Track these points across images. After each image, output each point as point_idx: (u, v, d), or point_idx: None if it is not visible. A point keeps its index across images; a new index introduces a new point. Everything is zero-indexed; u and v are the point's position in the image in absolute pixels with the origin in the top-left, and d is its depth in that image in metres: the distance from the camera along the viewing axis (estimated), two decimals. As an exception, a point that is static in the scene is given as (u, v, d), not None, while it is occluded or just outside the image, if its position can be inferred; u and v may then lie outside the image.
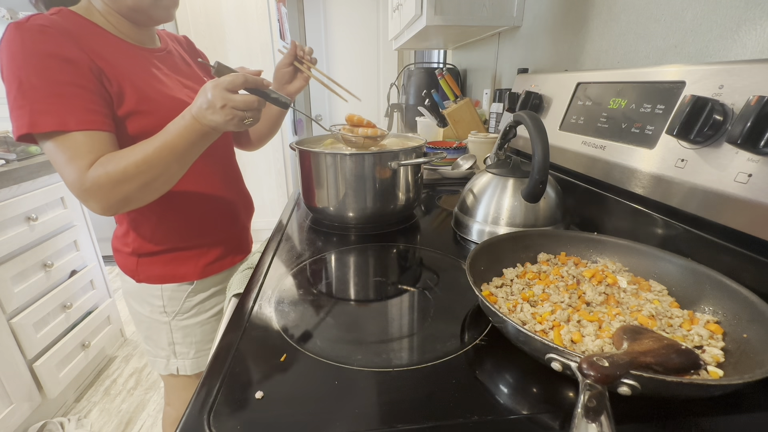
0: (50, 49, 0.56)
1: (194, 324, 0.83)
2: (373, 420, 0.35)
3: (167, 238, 0.77)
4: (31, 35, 0.55)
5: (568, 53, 0.98)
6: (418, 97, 1.87)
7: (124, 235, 0.78)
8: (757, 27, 0.53)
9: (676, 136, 0.51)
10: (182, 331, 0.83)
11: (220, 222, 0.83)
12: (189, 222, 0.78)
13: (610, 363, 0.30)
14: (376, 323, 0.51)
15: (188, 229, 0.78)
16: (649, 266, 0.53)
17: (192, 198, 0.77)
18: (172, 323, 0.82)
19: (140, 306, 0.81)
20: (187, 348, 0.84)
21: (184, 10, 2.44)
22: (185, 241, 0.78)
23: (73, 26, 0.60)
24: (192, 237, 0.79)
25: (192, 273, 0.80)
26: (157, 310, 0.81)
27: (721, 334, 0.41)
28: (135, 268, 0.78)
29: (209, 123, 0.57)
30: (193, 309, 0.82)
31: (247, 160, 2.74)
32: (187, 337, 0.83)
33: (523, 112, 0.63)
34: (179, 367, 0.85)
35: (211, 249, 0.82)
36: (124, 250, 0.78)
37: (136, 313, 0.83)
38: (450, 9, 1.16)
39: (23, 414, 1.27)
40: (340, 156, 0.76)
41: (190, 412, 0.36)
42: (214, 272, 0.83)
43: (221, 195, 0.82)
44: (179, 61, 0.79)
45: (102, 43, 0.63)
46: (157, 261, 0.77)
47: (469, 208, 0.75)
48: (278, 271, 0.65)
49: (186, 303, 0.81)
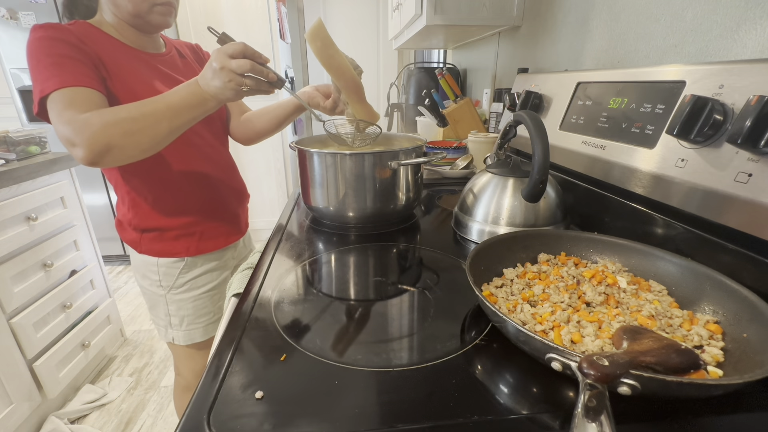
0: (58, 35, 0.66)
1: (186, 299, 0.91)
2: (373, 420, 0.35)
3: (162, 218, 0.84)
4: (46, 30, 0.66)
5: (568, 53, 0.98)
6: (418, 97, 1.87)
7: (126, 212, 0.85)
8: (757, 27, 0.53)
9: (676, 135, 0.51)
10: (176, 304, 0.91)
11: (210, 205, 0.89)
12: (182, 204, 0.85)
13: (610, 362, 0.30)
14: (376, 323, 0.51)
15: (181, 211, 0.85)
16: (649, 266, 0.53)
17: (184, 182, 0.84)
18: (168, 296, 0.90)
19: (142, 279, 0.90)
20: (179, 320, 0.92)
21: (184, 10, 2.44)
22: (178, 220, 0.85)
23: (84, 31, 0.71)
24: (184, 218, 0.86)
25: (184, 250, 0.87)
26: (154, 284, 0.89)
27: (720, 334, 0.41)
28: (138, 240, 0.85)
29: (209, 88, 0.61)
30: (186, 285, 0.90)
31: (248, 160, 2.74)
32: (180, 310, 0.91)
33: (523, 112, 0.63)
34: (174, 337, 0.93)
35: (203, 230, 0.89)
36: (127, 224, 0.86)
37: (141, 286, 0.92)
38: (450, 8, 1.16)
39: (23, 414, 1.27)
40: (340, 156, 0.76)
41: (190, 411, 0.36)
42: (206, 251, 0.90)
43: (213, 182, 0.89)
44: (181, 64, 0.87)
45: (106, 45, 0.72)
46: (155, 237, 0.85)
47: (469, 208, 0.75)
48: (278, 270, 0.65)
49: (179, 278, 0.89)
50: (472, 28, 1.33)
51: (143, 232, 0.85)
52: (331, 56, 0.76)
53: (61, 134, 0.62)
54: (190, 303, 0.91)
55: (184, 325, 0.92)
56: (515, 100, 1.00)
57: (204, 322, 0.94)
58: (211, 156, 0.89)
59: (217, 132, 0.92)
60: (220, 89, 0.61)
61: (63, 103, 0.62)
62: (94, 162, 0.62)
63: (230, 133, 1.01)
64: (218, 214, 0.91)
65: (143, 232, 0.85)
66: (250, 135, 1.00)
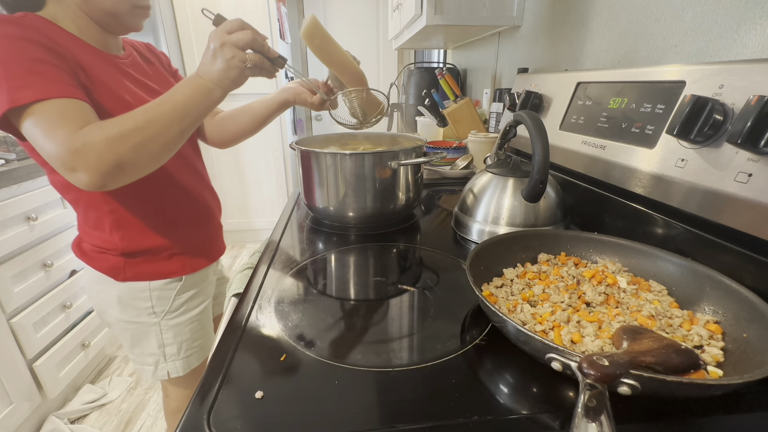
0: (26, 35, 0.54)
1: (183, 322, 0.83)
2: (373, 420, 0.35)
3: (155, 236, 0.76)
4: (6, 26, 0.54)
5: (568, 53, 0.98)
6: (418, 97, 1.87)
7: (108, 237, 0.73)
8: (757, 27, 0.53)
9: (676, 135, 0.51)
10: (172, 330, 0.82)
11: (200, 219, 0.84)
12: (174, 218, 0.78)
13: (610, 362, 0.30)
14: (376, 323, 0.51)
15: (174, 225, 0.78)
16: (649, 266, 0.53)
17: (176, 194, 0.78)
18: (162, 323, 0.80)
19: (123, 313, 0.78)
20: (177, 348, 0.83)
21: (184, 10, 2.44)
22: (171, 237, 0.78)
23: (45, 28, 0.59)
24: (177, 233, 0.79)
25: (180, 268, 0.80)
26: (144, 312, 0.78)
27: (720, 334, 0.41)
28: (122, 266, 0.75)
29: (212, 74, 0.57)
30: (182, 307, 0.82)
31: (248, 160, 2.75)
32: (177, 336, 0.83)
33: (523, 112, 0.63)
34: (170, 370, 0.84)
35: (195, 244, 0.83)
36: (109, 251, 0.74)
37: (118, 323, 0.79)
38: (450, 8, 1.16)
39: (23, 414, 1.27)
40: (340, 156, 0.76)
41: (189, 411, 0.36)
42: (200, 267, 0.84)
43: (197, 194, 0.83)
44: (147, 67, 0.78)
45: (74, 45, 0.62)
46: (145, 260, 0.76)
47: (469, 208, 0.75)
48: (278, 270, 0.65)
49: (176, 300, 0.81)
50: (472, 28, 1.33)
51: (129, 257, 0.74)
52: (331, 52, 0.75)
53: (52, 157, 0.52)
54: (187, 326, 0.83)
55: (182, 351, 0.84)
56: (515, 100, 1.00)
57: (199, 344, 0.87)
58: (194, 165, 0.83)
59: (193, 140, 0.85)
60: (223, 71, 0.56)
61: (51, 120, 0.52)
62: (102, 186, 0.54)
63: (203, 137, 0.93)
64: (207, 227, 0.86)
65: (129, 257, 0.74)
66: (227, 137, 0.92)
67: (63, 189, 0.70)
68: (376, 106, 0.83)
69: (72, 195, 0.71)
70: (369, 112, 0.82)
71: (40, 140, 0.53)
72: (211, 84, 0.57)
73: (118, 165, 0.53)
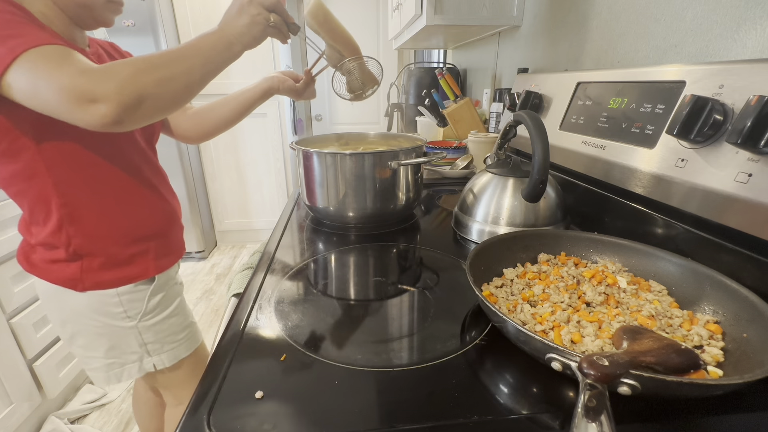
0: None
1: (161, 320, 0.79)
2: (373, 420, 0.35)
3: (112, 234, 0.70)
4: None
5: (568, 53, 0.98)
6: (418, 97, 1.87)
7: (54, 234, 0.66)
8: (757, 27, 0.53)
9: (676, 135, 0.51)
10: (151, 329, 0.78)
11: (164, 219, 0.79)
12: (132, 216, 0.73)
13: (610, 362, 0.30)
14: (376, 323, 0.51)
15: (133, 225, 0.73)
16: (649, 266, 0.53)
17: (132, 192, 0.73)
18: (139, 326, 0.76)
19: (94, 319, 0.72)
20: (159, 344, 0.80)
21: (184, 10, 2.44)
22: (130, 236, 0.72)
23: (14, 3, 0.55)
24: (139, 233, 0.74)
25: (149, 269, 0.75)
26: (118, 317, 0.73)
27: (720, 334, 0.41)
28: (78, 275, 0.68)
29: (235, 29, 0.58)
30: (158, 306, 0.78)
31: (248, 160, 2.75)
32: (158, 334, 0.79)
33: (523, 112, 0.63)
34: (155, 362, 0.80)
35: (162, 245, 0.78)
36: (58, 254, 0.67)
37: (91, 328, 0.73)
38: (450, 8, 1.16)
39: (23, 414, 1.27)
40: (340, 156, 0.76)
41: (189, 411, 0.36)
42: (168, 266, 0.80)
43: (158, 191, 0.78)
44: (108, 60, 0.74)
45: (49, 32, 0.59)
46: (104, 264, 0.70)
47: (469, 208, 0.75)
48: (278, 270, 0.65)
49: (150, 302, 0.76)
50: (472, 28, 1.33)
51: (84, 262, 0.68)
52: (333, 27, 0.78)
53: (66, 89, 0.48)
54: (165, 324, 0.79)
55: (167, 345, 0.80)
56: (515, 100, 1.00)
57: (185, 335, 0.83)
58: (152, 162, 0.79)
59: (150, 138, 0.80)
60: (247, 26, 0.58)
61: (56, 58, 0.49)
62: (120, 119, 0.50)
63: (174, 134, 0.89)
64: (172, 227, 0.81)
65: (84, 262, 0.68)
66: (206, 130, 0.89)
67: (5, 182, 0.64)
68: (373, 79, 0.85)
69: (16, 188, 0.64)
70: (367, 83, 0.85)
71: (45, 78, 0.48)
72: (232, 38, 0.58)
73: (140, 97, 0.51)
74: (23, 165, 0.62)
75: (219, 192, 2.80)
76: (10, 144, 0.59)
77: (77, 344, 0.76)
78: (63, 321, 0.74)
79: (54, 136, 0.62)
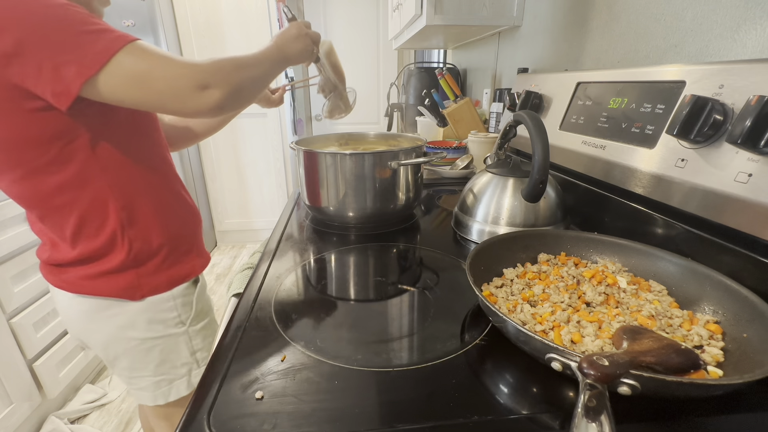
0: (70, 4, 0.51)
1: (207, 323, 0.79)
2: (373, 420, 0.35)
3: (165, 234, 0.69)
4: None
5: (568, 53, 0.98)
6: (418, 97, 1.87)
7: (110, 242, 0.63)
8: (757, 27, 0.53)
9: (676, 135, 0.51)
10: (200, 334, 0.77)
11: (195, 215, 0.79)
12: (177, 214, 0.73)
13: (610, 362, 0.30)
14: (376, 323, 0.51)
15: (178, 223, 0.73)
16: (649, 266, 0.53)
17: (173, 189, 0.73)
18: (190, 330, 0.74)
19: (148, 331, 0.70)
20: (207, 351, 0.79)
21: (184, 10, 2.44)
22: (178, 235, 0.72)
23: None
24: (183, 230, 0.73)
25: (195, 267, 0.74)
26: (171, 324, 0.71)
27: (720, 334, 0.41)
28: (135, 282, 0.66)
29: (291, 49, 0.69)
30: (202, 309, 0.77)
31: (248, 160, 2.75)
32: (205, 339, 0.78)
33: (523, 112, 0.63)
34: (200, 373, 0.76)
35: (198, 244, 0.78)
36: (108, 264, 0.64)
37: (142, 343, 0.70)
38: (450, 8, 1.16)
39: (23, 414, 1.27)
40: (340, 156, 0.76)
41: (189, 412, 0.36)
42: (206, 266, 0.79)
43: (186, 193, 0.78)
44: None
45: None
46: (159, 266, 0.69)
47: (469, 208, 0.75)
48: (278, 270, 0.65)
49: (198, 304, 0.76)
50: (472, 28, 1.32)
51: (140, 267, 0.66)
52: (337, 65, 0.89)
53: (183, 78, 0.52)
54: (210, 327, 0.79)
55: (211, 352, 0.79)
56: (515, 100, 1.00)
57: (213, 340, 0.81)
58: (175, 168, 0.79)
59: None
60: (300, 50, 0.70)
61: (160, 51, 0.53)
62: (224, 105, 0.56)
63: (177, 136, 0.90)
64: (200, 226, 0.81)
65: (140, 267, 0.66)
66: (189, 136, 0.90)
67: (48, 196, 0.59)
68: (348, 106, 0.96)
69: (64, 198, 0.59)
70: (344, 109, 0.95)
71: (160, 67, 0.52)
72: (289, 56, 0.69)
73: (240, 88, 0.58)
74: (75, 171, 0.58)
75: (219, 192, 2.80)
76: (61, 149, 0.56)
77: (122, 366, 0.73)
78: (105, 342, 0.70)
79: (108, 137, 0.60)
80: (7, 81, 0.50)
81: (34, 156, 0.56)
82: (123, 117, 0.62)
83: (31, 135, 0.54)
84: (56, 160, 0.57)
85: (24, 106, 0.52)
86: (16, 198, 0.61)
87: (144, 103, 0.54)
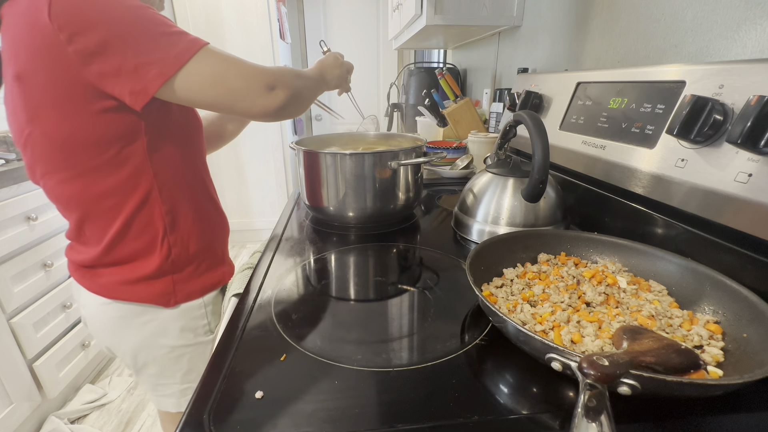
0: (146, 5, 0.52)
1: None
2: (373, 420, 0.35)
3: (201, 240, 0.69)
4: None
5: (568, 53, 0.98)
6: (418, 97, 1.87)
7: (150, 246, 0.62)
8: (757, 27, 0.53)
9: (676, 135, 0.51)
10: None
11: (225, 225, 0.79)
12: (212, 220, 0.73)
13: (610, 362, 0.30)
14: (376, 323, 0.51)
15: (213, 229, 0.73)
16: (649, 266, 0.53)
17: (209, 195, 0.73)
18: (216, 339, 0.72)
19: (179, 338, 0.69)
20: None
21: (184, 10, 2.44)
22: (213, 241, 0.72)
23: None
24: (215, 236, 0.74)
25: (225, 274, 0.74)
26: (201, 332, 0.71)
27: (720, 334, 0.41)
28: (170, 288, 0.65)
29: (331, 75, 0.77)
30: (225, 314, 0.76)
31: (247, 160, 2.75)
32: None
33: (523, 112, 0.63)
34: None
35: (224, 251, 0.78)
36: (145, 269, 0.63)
37: (171, 351, 0.69)
38: (450, 8, 1.16)
39: (23, 414, 1.27)
40: (340, 156, 0.76)
41: (190, 411, 0.36)
42: (233, 272, 0.78)
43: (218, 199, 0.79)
44: None
45: None
46: (193, 273, 0.68)
47: (469, 208, 0.75)
48: (278, 270, 0.65)
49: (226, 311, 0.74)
50: (472, 28, 1.33)
51: (177, 273, 0.66)
52: None
53: (260, 77, 0.56)
54: None
55: None
56: (515, 100, 1.00)
57: None
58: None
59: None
60: (338, 78, 0.79)
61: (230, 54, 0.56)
62: (285, 107, 0.59)
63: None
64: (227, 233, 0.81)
65: (177, 273, 0.66)
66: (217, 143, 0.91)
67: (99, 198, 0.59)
68: None
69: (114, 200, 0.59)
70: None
71: (236, 68, 0.55)
72: (328, 81, 0.77)
73: (299, 93, 0.62)
74: (129, 173, 0.58)
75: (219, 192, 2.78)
76: (119, 151, 0.56)
77: (149, 372, 0.72)
78: (135, 349, 0.69)
79: (162, 141, 0.60)
80: (83, 79, 0.50)
81: (90, 157, 0.56)
82: (176, 121, 0.62)
83: (91, 136, 0.54)
84: (112, 162, 0.57)
85: (90, 107, 0.52)
86: (59, 198, 0.61)
87: (216, 102, 0.56)
